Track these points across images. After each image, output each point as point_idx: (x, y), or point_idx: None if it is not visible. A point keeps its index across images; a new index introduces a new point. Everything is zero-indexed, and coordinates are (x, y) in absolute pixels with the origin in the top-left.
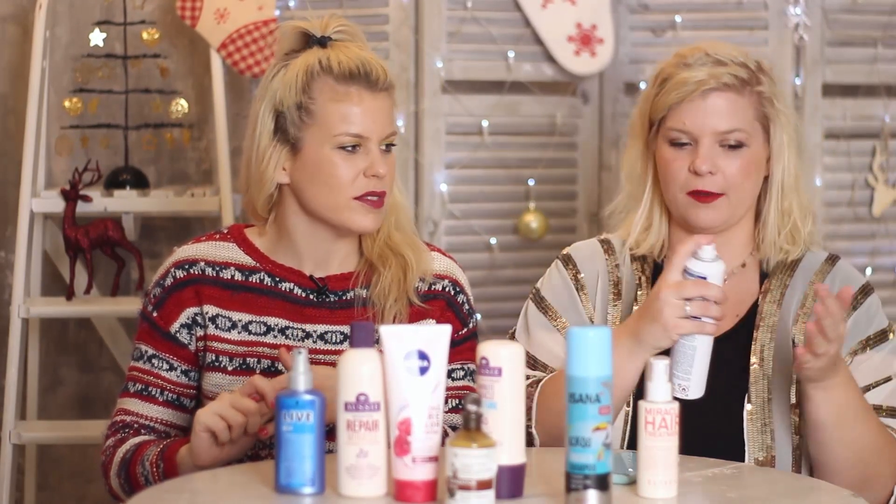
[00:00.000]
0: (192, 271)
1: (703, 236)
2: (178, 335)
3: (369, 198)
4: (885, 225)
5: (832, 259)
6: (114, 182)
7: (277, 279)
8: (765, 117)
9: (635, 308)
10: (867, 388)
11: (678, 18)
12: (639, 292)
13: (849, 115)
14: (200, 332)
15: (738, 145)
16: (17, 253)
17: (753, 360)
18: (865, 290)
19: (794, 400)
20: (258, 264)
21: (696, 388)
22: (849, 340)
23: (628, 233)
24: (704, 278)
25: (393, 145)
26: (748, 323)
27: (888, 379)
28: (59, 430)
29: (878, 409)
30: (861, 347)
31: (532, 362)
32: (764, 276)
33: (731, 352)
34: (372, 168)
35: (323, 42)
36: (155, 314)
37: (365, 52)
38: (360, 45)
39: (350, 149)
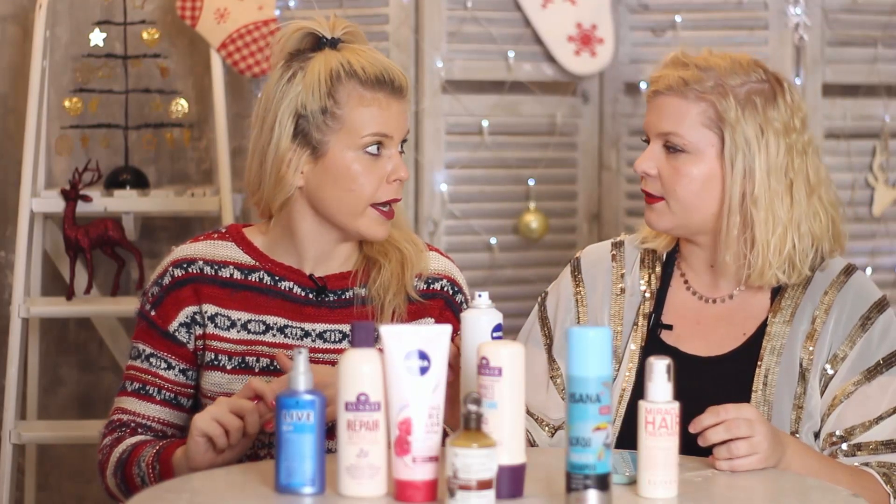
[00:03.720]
0: (190, 270)
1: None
2: (176, 334)
3: (383, 208)
4: (885, 225)
5: (848, 270)
6: (114, 182)
7: (277, 278)
8: (720, 130)
9: (634, 331)
10: (878, 420)
11: (678, 18)
12: (641, 311)
13: (849, 115)
14: (199, 332)
15: (679, 150)
16: (17, 253)
17: (756, 384)
18: (880, 307)
19: (794, 427)
20: (257, 263)
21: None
22: (856, 366)
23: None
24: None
25: (405, 141)
26: (755, 343)
27: None
28: (59, 430)
29: (887, 445)
30: (867, 375)
31: None
32: (775, 294)
33: (734, 372)
34: (396, 172)
35: (334, 44)
36: (153, 313)
37: (381, 56)
38: (370, 47)
39: (375, 152)
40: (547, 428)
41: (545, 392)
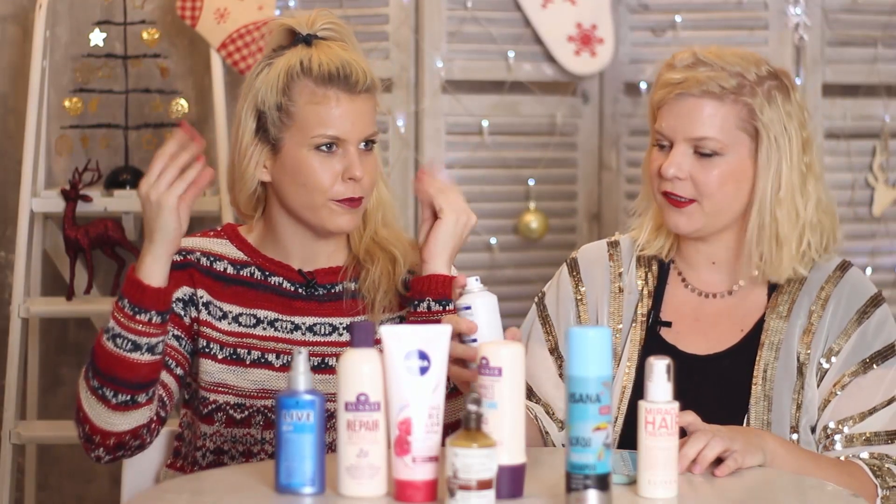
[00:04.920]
0: (188, 258)
1: (462, 276)
2: (173, 306)
3: (347, 201)
4: (885, 225)
5: (843, 266)
6: (114, 182)
7: (267, 273)
8: (754, 129)
9: (633, 329)
10: (872, 411)
11: (678, 18)
12: (639, 309)
13: (849, 115)
14: (194, 314)
15: (712, 154)
16: (17, 253)
17: (755, 379)
18: (875, 301)
19: (794, 422)
20: (249, 259)
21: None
22: (851, 358)
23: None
24: (469, 308)
25: (373, 142)
26: (753, 339)
27: (892, 400)
28: (59, 430)
29: (877, 436)
30: (862, 368)
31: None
32: (772, 289)
33: (733, 369)
34: (349, 171)
35: (308, 40)
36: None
37: (349, 52)
38: (344, 44)
39: (326, 149)
40: (556, 419)
41: (554, 388)
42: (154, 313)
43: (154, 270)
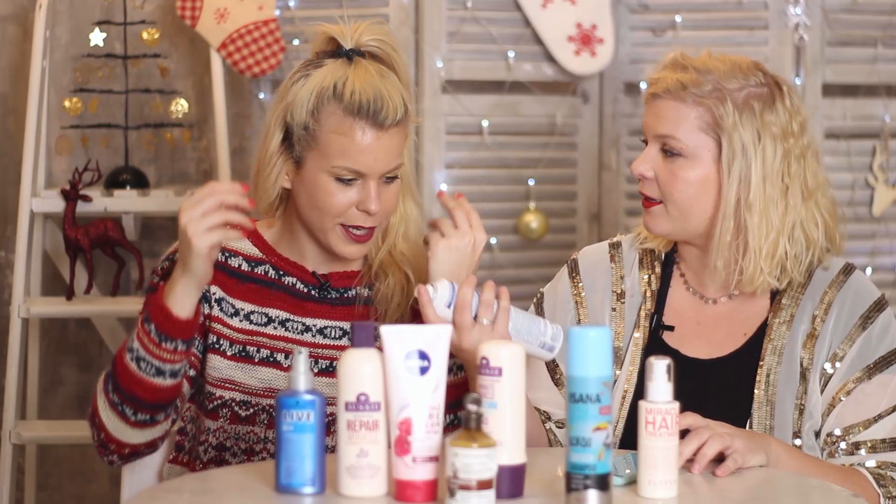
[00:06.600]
0: None
1: (422, 286)
2: None
3: (355, 231)
4: (885, 225)
5: (847, 269)
6: (114, 182)
7: (281, 272)
8: (717, 135)
9: (636, 334)
10: (877, 419)
11: (678, 18)
12: (642, 312)
13: (849, 115)
14: (206, 310)
15: (676, 154)
16: (17, 253)
17: (758, 384)
18: (879, 306)
19: (796, 428)
20: (265, 256)
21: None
22: (855, 364)
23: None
24: (450, 305)
25: (395, 177)
26: (756, 344)
27: None
28: (59, 430)
29: (887, 443)
30: (867, 374)
31: None
32: (774, 294)
33: (735, 373)
34: (363, 204)
35: (350, 55)
36: (162, 283)
37: (386, 80)
38: (384, 68)
39: (347, 179)
40: (553, 422)
41: (546, 390)
42: (180, 342)
43: (184, 303)
